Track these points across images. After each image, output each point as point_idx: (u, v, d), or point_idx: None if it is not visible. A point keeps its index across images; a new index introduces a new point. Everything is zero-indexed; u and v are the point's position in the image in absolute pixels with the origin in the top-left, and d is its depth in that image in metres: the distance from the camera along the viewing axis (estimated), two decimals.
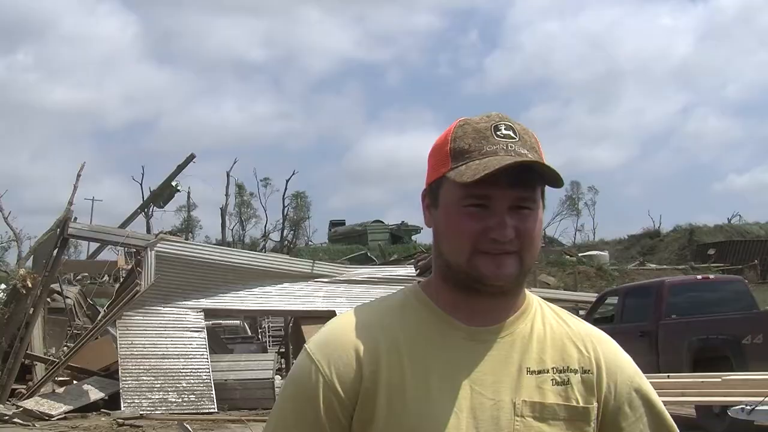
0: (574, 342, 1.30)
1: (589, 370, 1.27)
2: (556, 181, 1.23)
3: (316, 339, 1.29)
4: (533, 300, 1.34)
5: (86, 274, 26.26)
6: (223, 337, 18.45)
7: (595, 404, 1.26)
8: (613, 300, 13.11)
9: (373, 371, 1.22)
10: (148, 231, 29.51)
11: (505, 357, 1.25)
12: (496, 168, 1.17)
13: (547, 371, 1.26)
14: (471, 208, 1.22)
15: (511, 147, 1.22)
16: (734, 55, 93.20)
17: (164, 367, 12.54)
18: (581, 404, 1.25)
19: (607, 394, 1.27)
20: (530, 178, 1.21)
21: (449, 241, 1.25)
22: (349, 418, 1.23)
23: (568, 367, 1.27)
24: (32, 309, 12.83)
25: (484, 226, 1.21)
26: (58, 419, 11.26)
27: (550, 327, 1.30)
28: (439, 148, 1.28)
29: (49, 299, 15.53)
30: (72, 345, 13.73)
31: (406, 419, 1.21)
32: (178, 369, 12.61)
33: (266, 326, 24.48)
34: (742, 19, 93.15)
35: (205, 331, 13.52)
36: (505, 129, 1.24)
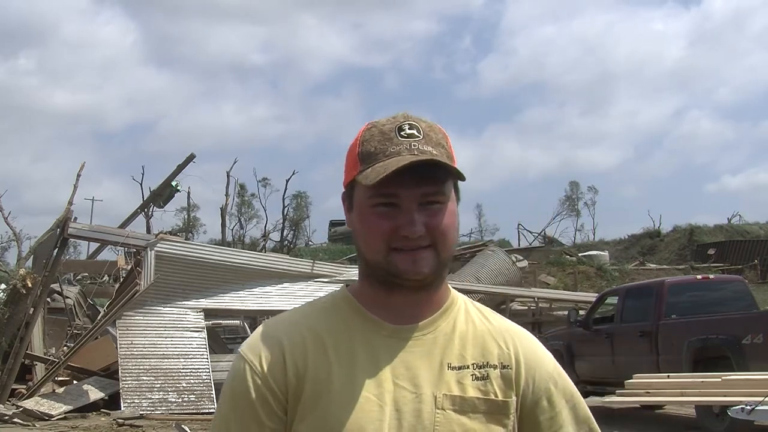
0: (495, 338, 1.33)
1: (508, 366, 1.31)
2: (458, 175, 1.26)
3: (247, 341, 1.33)
4: (458, 298, 1.38)
5: (86, 274, 26.30)
6: (223, 337, 18.44)
7: (514, 398, 1.30)
8: (613, 300, 13.11)
9: (299, 366, 1.27)
10: (148, 231, 29.49)
11: (427, 353, 1.29)
12: (393, 169, 1.20)
13: (468, 367, 1.29)
14: (381, 208, 1.25)
15: (414, 146, 1.25)
16: (726, 58, 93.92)
17: (164, 367, 12.52)
18: (500, 398, 1.29)
19: (525, 388, 1.31)
20: (436, 173, 1.24)
21: (365, 241, 1.28)
22: (284, 412, 1.27)
23: (487, 362, 1.31)
24: (32, 309, 12.82)
25: (395, 225, 1.25)
26: (58, 419, 11.25)
27: (472, 324, 1.34)
28: (350, 152, 1.31)
29: (49, 299, 15.54)
30: (72, 345, 13.72)
31: (332, 413, 1.24)
32: (178, 369, 12.60)
33: None
34: (733, 24, 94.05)
35: (205, 331, 13.50)
36: (408, 129, 1.27)
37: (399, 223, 1.24)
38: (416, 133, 1.27)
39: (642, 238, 46.38)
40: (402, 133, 1.26)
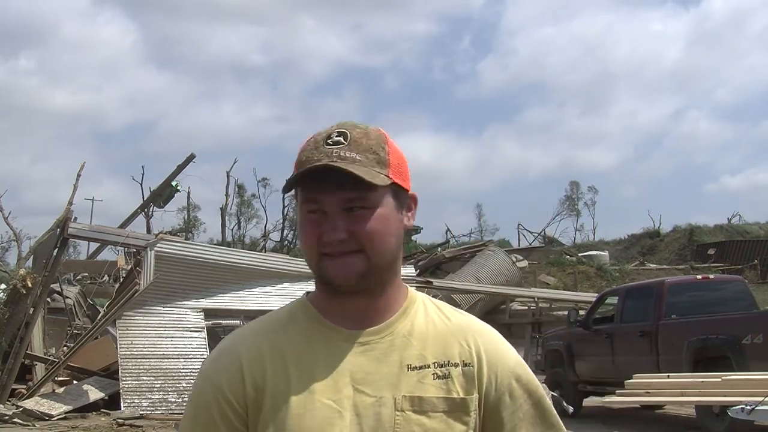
0: (456, 336, 1.33)
1: (469, 363, 1.31)
2: (361, 181, 1.24)
3: (209, 356, 1.38)
4: (416, 298, 1.38)
5: (86, 274, 26.28)
6: (223, 337, 18.45)
7: (476, 395, 1.30)
8: (613, 300, 13.11)
9: (257, 379, 1.29)
10: (148, 231, 29.49)
11: (386, 356, 1.29)
12: (293, 176, 1.26)
13: (429, 366, 1.30)
14: (312, 215, 1.28)
15: (335, 153, 1.26)
16: (725, 58, 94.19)
17: (164, 367, 12.52)
18: (461, 396, 1.29)
19: (488, 384, 1.31)
20: (357, 179, 1.24)
21: (303, 248, 1.32)
22: (245, 425, 1.29)
23: (449, 361, 1.31)
24: (32, 309, 12.82)
25: (321, 231, 1.27)
26: (58, 419, 11.25)
27: (432, 323, 1.34)
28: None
29: (49, 299, 15.53)
30: (72, 345, 13.72)
31: (292, 423, 1.25)
32: (178, 369, 12.60)
33: None
34: (732, 24, 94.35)
35: (205, 331, 13.51)
36: (336, 136, 1.28)
37: (324, 229, 1.26)
38: (342, 140, 1.28)
39: (642, 238, 46.39)
40: (329, 140, 1.28)
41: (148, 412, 11.71)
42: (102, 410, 12.01)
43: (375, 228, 1.27)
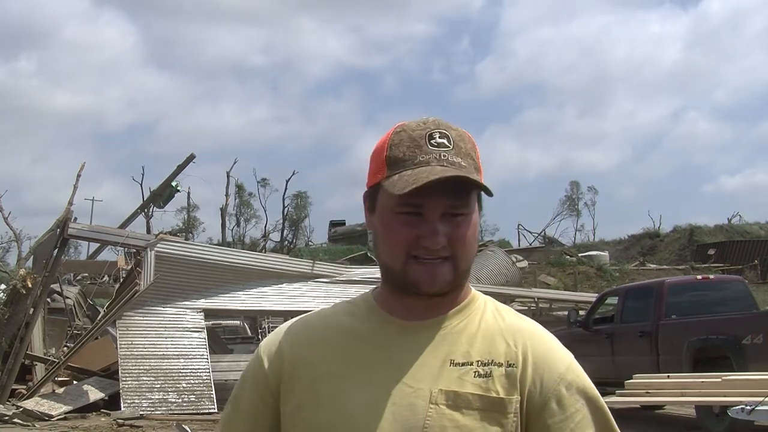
0: (505, 337, 1.31)
1: (514, 364, 1.28)
2: (485, 191, 1.25)
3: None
4: (478, 298, 1.37)
5: (86, 274, 26.28)
6: (223, 337, 18.44)
7: (517, 397, 1.26)
8: (613, 300, 13.11)
9: (296, 359, 1.33)
10: (148, 231, 29.49)
11: (433, 350, 1.29)
12: (423, 183, 1.19)
13: (471, 364, 1.28)
14: (405, 216, 1.25)
15: (444, 156, 1.24)
16: (723, 60, 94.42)
17: (164, 367, 12.52)
18: (500, 396, 1.26)
19: (532, 388, 1.27)
20: (463, 186, 1.23)
21: (385, 247, 1.29)
22: (276, 397, 1.34)
23: (493, 360, 1.28)
24: (32, 309, 12.81)
25: (417, 234, 1.24)
26: (58, 419, 11.24)
27: (485, 323, 1.33)
28: (377, 153, 1.30)
29: (49, 299, 15.53)
30: (72, 345, 13.72)
31: (325, 403, 1.27)
32: (178, 369, 12.59)
33: (266, 326, 24.45)
34: (730, 26, 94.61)
35: (205, 331, 13.50)
36: (439, 137, 1.25)
37: (421, 233, 1.24)
38: (446, 143, 1.25)
39: (642, 239, 46.41)
40: (432, 141, 1.25)
41: (148, 413, 11.70)
42: (102, 410, 12.00)
43: (470, 234, 1.27)
